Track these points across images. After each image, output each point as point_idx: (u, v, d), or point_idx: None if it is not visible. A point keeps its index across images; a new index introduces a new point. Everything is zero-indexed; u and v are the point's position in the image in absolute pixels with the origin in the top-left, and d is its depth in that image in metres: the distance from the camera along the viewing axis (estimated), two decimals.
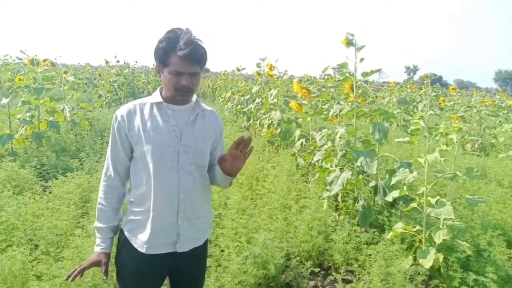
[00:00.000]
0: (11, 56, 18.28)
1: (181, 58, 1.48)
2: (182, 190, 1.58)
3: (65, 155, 5.73)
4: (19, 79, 6.32)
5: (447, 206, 2.70)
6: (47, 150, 5.66)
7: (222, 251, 2.98)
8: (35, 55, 7.41)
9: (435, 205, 2.87)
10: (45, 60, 8.96)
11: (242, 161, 1.56)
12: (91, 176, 4.48)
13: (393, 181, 2.89)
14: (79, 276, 1.59)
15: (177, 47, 1.48)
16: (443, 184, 4.73)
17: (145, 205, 1.59)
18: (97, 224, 1.65)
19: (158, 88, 1.65)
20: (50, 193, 3.96)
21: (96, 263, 1.62)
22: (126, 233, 1.64)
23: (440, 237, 2.77)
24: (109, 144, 1.64)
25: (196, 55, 1.49)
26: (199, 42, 1.53)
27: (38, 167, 4.96)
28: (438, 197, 2.98)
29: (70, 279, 1.57)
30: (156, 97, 1.61)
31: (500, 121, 10.46)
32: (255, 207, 3.93)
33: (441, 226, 2.91)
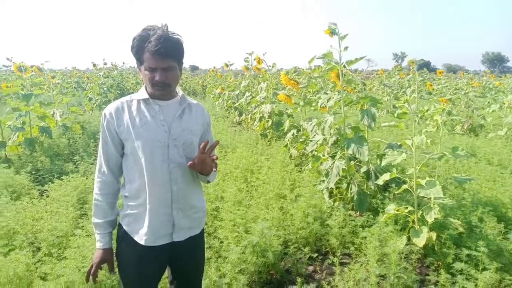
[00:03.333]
0: None
1: (152, 54, 1.52)
2: (174, 183, 1.64)
3: (59, 159, 5.74)
4: (7, 86, 6.29)
5: (437, 186, 2.79)
6: (41, 155, 5.67)
7: (221, 242, 3.05)
8: (22, 62, 7.36)
9: (425, 186, 2.96)
10: (32, 66, 8.89)
11: (209, 164, 1.64)
12: (86, 178, 4.50)
13: (383, 163, 2.97)
14: (96, 275, 1.69)
15: (147, 43, 1.52)
16: (434, 166, 4.83)
17: (140, 199, 1.64)
18: (94, 220, 1.71)
19: (144, 85, 1.70)
20: (47, 197, 3.99)
21: (103, 261, 1.69)
22: (124, 227, 1.70)
23: (432, 216, 2.86)
24: (100, 142, 1.70)
25: (166, 49, 1.52)
26: (174, 36, 1.56)
27: (33, 172, 4.97)
28: (427, 178, 3.07)
29: (89, 280, 1.68)
30: (142, 93, 1.66)
31: (488, 102, 10.61)
32: (251, 198, 3.99)
33: (432, 206, 2.99)
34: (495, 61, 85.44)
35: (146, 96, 1.64)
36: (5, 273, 2.39)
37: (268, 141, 7.02)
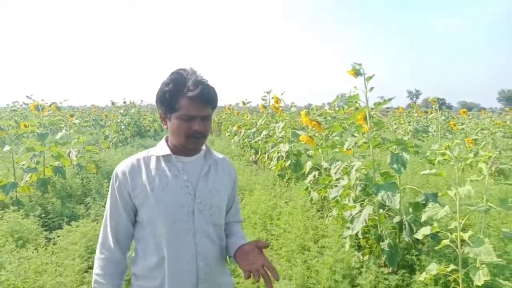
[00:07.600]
0: (18, 102, 18.51)
1: (191, 100, 1.31)
2: (200, 257, 1.36)
3: (71, 201, 5.55)
4: (24, 126, 6.25)
5: (486, 244, 2.46)
6: (52, 196, 5.49)
7: None
8: (42, 100, 7.42)
9: (469, 242, 2.63)
10: (51, 104, 8.96)
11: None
12: (97, 223, 4.28)
13: (423, 217, 2.65)
14: None
15: (185, 88, 1.32)
16: (475, 218, 4.38)
17: (156, 280, 1.35)
18: None
19: (164, 139, 1.46)
20: (54, 244, 3.75)
21: None
22: None
23: (480, 278, 2.50)
24: (108, 207, 1.41)
25: (207, 96, 1.33)
26: (207, 82, 1.38)
27: (43, 216, 4.76)
28: (470, 232, 2.74)
29: None
30: (163, 149, 1.41)
31: None
32: (271, 249, 3.69)
33: (478, 265, 2.64)
34: None
35: (168, 151, 1.39)
36: None
37: (286, 182, 6.74)
